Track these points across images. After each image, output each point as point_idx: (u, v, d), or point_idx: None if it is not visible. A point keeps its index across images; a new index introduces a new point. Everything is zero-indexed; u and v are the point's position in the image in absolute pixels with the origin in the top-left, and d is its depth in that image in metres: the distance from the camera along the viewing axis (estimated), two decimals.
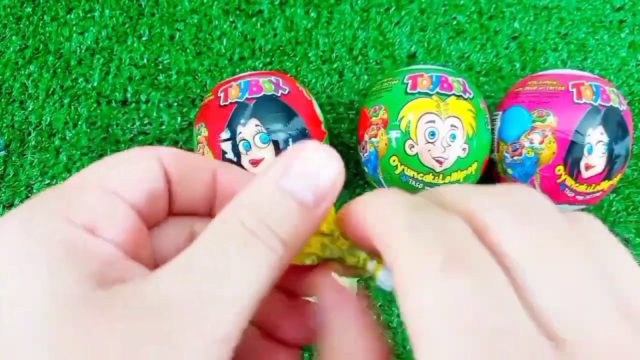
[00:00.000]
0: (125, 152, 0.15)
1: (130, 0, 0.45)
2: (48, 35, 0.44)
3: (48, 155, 0.42)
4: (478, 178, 0.36)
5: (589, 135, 0.33)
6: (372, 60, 0.44)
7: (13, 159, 0.42)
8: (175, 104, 0.43)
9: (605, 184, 0.34)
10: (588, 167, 0.33)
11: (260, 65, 0.44)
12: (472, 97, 0.34)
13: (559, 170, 0.34)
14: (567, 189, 0.34)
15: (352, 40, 0.44)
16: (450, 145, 0.33)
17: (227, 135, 0.33)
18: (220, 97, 0.34)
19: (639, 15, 0.45)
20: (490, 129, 0.36)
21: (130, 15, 0.44)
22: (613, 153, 0.33)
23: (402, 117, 0.33)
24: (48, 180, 0.42)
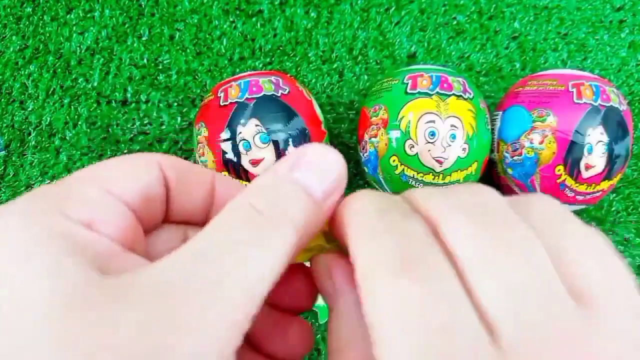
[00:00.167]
0: (126, 155, 0.15)
1: (130, 0, 0.45)
2: (48, 35, 0.44)
3: (48, 155, 0.42)
4: (478, 178, 0.36)
5: (589, 135, 0.33)
6: (372, 60, 0.44)
7: (13, 159, 0.42)
8: (175, 104, 0.43)
9: (605, 184, 0.34)
10: (588, 167, 0.33)
11: (260, 65, 0.44)
12: (472, 97, 0.34)
13: (559, 170, 0.34)
14: (567, 189, 0.34)
15: (352, 40, 0.44)
16: (450, 145, 0.33)
17: (227, 135, 0.33)
18: (220, 97, 0.34)
19: (639, 15, 0.45)
20: (490, 129, 0.36)
21: (130, 15, 0.44)
22: (613, 153, 0.33)
23: (402, 117, 0.33)
24: (48, 180, 0.42)
